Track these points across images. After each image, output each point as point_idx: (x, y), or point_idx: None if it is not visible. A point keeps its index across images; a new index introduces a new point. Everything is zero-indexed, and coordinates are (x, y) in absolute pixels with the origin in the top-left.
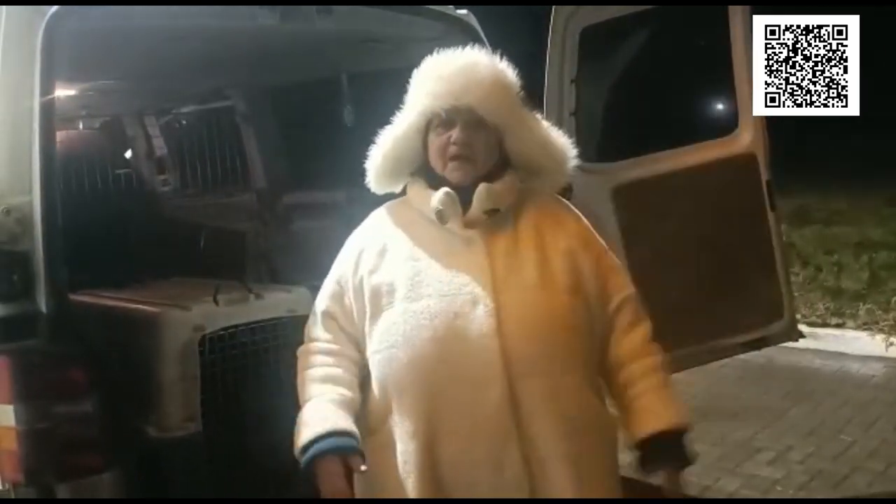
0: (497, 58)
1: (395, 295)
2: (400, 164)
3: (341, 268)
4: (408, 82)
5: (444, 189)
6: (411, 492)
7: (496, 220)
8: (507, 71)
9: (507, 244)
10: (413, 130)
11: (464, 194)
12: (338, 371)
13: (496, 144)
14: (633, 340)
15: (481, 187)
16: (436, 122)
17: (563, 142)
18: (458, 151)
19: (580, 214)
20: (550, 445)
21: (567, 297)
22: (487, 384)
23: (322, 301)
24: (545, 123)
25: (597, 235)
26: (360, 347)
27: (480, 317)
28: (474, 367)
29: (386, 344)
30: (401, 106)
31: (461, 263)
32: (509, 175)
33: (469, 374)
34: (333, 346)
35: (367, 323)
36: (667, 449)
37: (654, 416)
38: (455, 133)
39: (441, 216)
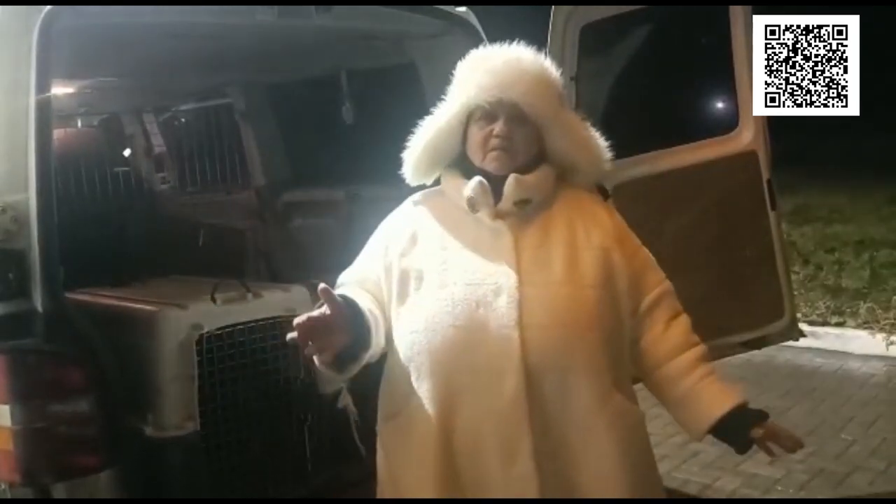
0: (542, 55)
1: (422, 282)
2: (438, 155)
3: (373, 247)
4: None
5: (478, 178)
6: (428, 478)
7: (528, 212)
8: (551, 68)
9: (538, 237)
10: (455, 121)
11: (497, 186)
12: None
13: (535, 139)
14: (676, 334)
15: (511, 178)
16: (478, 115)
17: (599, 142)
18: (500, 144)
19: (614, 210)
20: (564, 441)
21: (593, 293)
22: (505, 375)
23: (351, 272)
24: (583, 122)
25: (631, 232)
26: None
27: (502, 307)
28: (493, 356)
29: (409, 329)
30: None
31: (488, 253)
32: (543, 168)
33: (487, 364)
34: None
35: (393, 304)
36: (743, 417)
37: (721, 396)
38: (498, 126)
39: (472, 204)
